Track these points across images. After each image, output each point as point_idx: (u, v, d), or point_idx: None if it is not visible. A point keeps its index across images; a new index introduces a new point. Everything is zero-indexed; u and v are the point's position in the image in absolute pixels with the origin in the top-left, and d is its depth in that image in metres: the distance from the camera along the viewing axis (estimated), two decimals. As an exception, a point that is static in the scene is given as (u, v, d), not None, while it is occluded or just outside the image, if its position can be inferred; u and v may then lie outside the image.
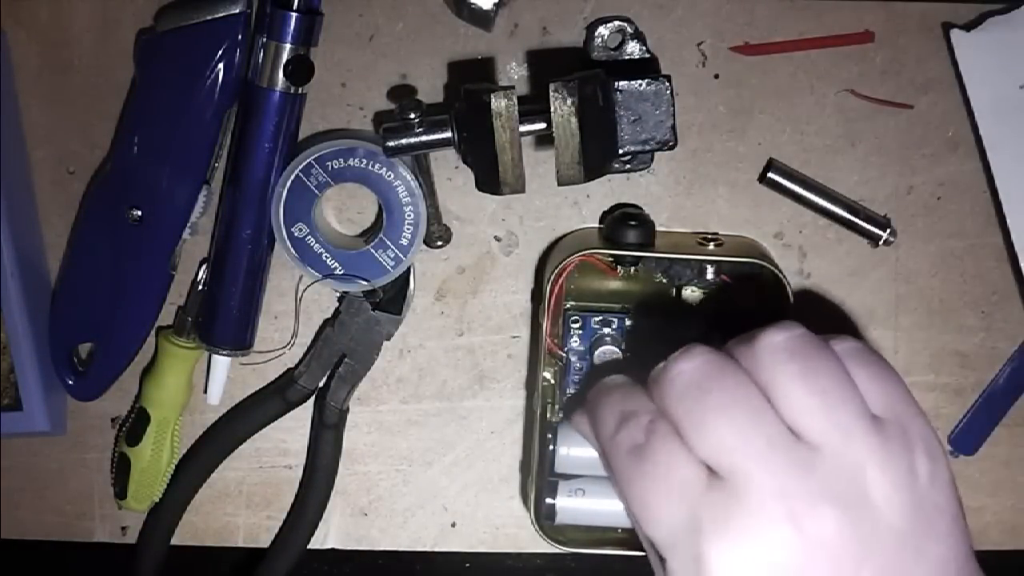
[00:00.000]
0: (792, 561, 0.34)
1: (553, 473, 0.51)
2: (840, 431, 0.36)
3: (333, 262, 0.52)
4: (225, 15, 0.50)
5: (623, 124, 0.48)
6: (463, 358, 0.56)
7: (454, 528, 0.57)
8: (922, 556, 0.35)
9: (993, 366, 0.56)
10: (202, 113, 0.50)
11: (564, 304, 0.53)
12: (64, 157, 0.55)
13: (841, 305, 0.55)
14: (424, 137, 0.48)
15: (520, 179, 0.47)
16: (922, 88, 0.54)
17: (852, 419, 0.36)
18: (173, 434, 0.55)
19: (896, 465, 0.36)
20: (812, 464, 0.35)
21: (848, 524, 0.34)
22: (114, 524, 0.57)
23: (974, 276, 0.55)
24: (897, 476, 0.35)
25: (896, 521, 0.35)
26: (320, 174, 0.51)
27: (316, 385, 0.55)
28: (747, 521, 0.35)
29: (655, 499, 0.37)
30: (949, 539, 0.36)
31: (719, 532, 0.35)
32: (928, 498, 0.36)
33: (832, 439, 0.35)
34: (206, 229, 0.54)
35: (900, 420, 0.37)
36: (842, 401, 0.36)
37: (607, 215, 0.54)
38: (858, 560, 0.34)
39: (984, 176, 0.54)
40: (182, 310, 0.55)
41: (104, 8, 0.54)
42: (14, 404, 0.54)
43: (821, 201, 0.54)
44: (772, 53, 0.54)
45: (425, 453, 0.56)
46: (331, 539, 0.57)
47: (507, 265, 0.55)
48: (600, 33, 0.52)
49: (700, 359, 0.37)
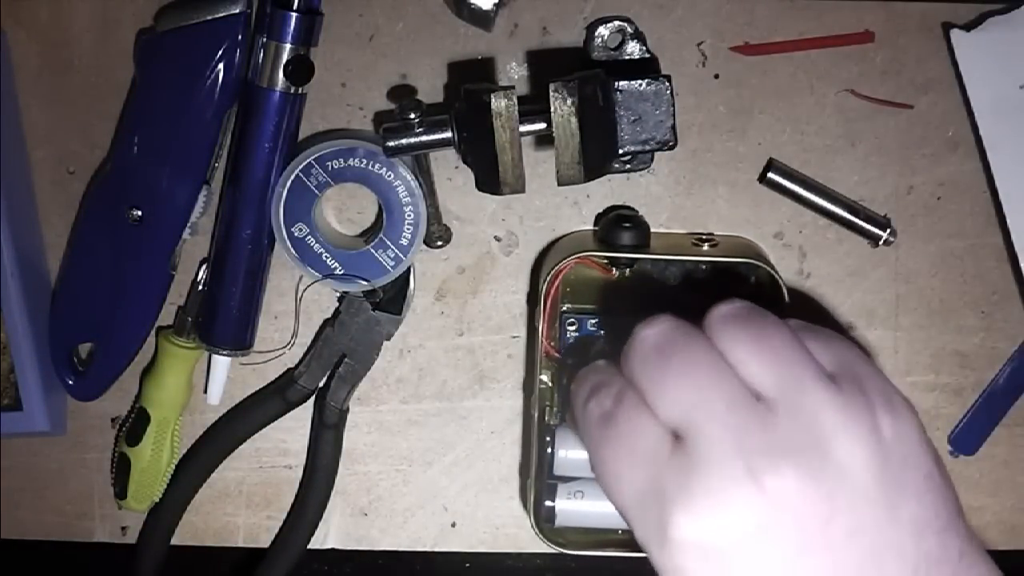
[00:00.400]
0: (754, 520, 0.34)
1: (552, 476, 0.51)
2: (795, 387, 0.36)
3: (333, 262, 0.52)
4: (225, 15, 0.50)
5: (623, 124, 0.48)
6: (463, 358, 0.56)
7: (454, 528, 0.57)
8: (895, 515, 0.34)
9: (993, 366, 0.56)
10: (202, 113, 0.50)
11: (560, 307, 0.53)
12: (64, 157, 0.55)
13: (841, 305, 0.55)
14: (424, 137, 0.48)
15: (520, 179, 0.47)
16: (922, 88, 0.54)
17: (807, 375, 0.36)
18: (173, 434, 0.55)
19: (856, 419, 0.35)
20: (771, 422, 0.35)
21: (811, 481, 0.34)
22: (114, 524, 0.57)
23: (974, 276, 0.55)
24: (859, 431, 0.35)
25: (862, 478, 0.34)
26: (320, 174, 0.51)
27: (316, 385, 0.55)
28: (707, 481, 0.34)
29: (621, 465, 0.37)
30: (925, 497, 0.35)
31: (681, 496, 0.35)
32: (895, 453, 0.35)
33: (788, 395, 0.35)
34: (206, 229, 0.54)
35: (857, 378, 0.37)
36: (795, 360, 0.36)
37: (602, 217, 0.54)
38: (824, 518, 0.34)
39: (984, 176, 0.54)
40: (182, 310, 0.55)
41: (104, 8, 0.54)
42: (14, 404, 0.54)
43: (821, 201, 0.54)
44: (772, 53, 0.54)
45: (425, 453, 0.56)
46: (331, 539, 0.57)
47: (507, 265, 0.55)
48: (600, 33, 0.52)
49: (663, 325, 0.38)
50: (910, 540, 0.34)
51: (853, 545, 0.34)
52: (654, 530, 0.36)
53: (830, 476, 0.34)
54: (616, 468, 0.37)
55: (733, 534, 0.34)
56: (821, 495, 0.34)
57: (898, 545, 0.34)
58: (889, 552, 0.34)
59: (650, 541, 0.36)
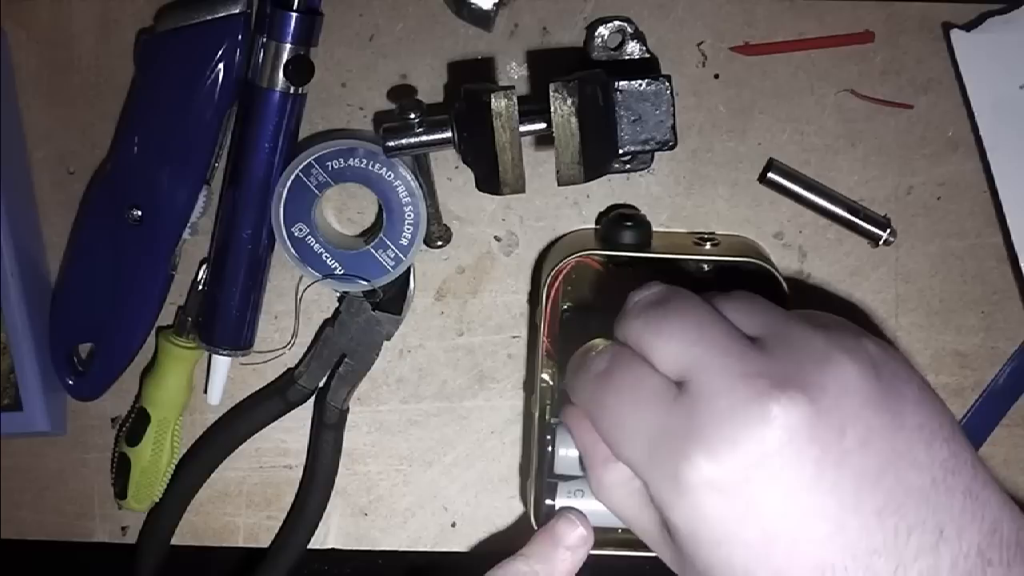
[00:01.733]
0: (771, 445, 0.34)
1: (552, 475, 0.51)
2: (783, 326, 0.37)
3: (333, 262, 0.52)
4: (225, 15, 0.50)
5: (623, 124, 0.48)
6: (463, 358, 0.56)
7: (454, 528, 0.57)
8: (901, 422, 0.35)
9: (993, 366, 0.56)
10: (202, 113, 0.50)
11: (561, 306, 0.53)
12: (64, 157, 0.55)
13: (841, 305, 0.55)
14: (424, 137, 0.48)
15: (520, 179, 0.47)
16: (922, 88, 0.54)
17: (790, 319, 0.38)
18: (173, 434, 0.55)
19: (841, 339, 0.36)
20: (767, 355, 0.36)
21: (817, 397, 0.34)
22: (114, 524, 0.57)
23: (974, 276, 0.55)
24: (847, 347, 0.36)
25: (862, 387, 0.35)
26: (320, 174, 0.51)
27: (316, 385, 0.55)
28: (716, 418, 0.35)
29: (625, 415, 0.37)
30: (925, 406, 0.36)
31: (693, 436, 0.35)
32: (885, 368, 0.36)
33: (778, 331, 0.37)
34: (206, 229, 0.54)
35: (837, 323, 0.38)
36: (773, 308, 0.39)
37: (603, 216, 0.54)
38: (838, 429, 0.34)
39: (984, 176, 0.54)
40: (182, 310, 0.55)
41: (104, 8, 0.54)
42: (14, 404, 0.54)
43: (821, 201, 0.54)
44: (772, 53, 0.54)
45: (425, 453, 0.56)
46: (331, 539, 0.57)
47: (507, 265, 0.55)
48: (600, 33, 0.52)
49: (657, 287, 0.40)
50: (921, 447, 0.35)
51: (869, 453, 0.34)
52: (669, 477, 0.35)
53: (832, 390, 0.35)
54: (620, 419, 0.38)
55: (751, 464, 0.34)
56: (829, 408, 0.34)
57: (910, 452, 0.35)
58: (903, 459, 0.34)
59: (664, 489, 0.36)
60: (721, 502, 0.34)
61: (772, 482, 0.34)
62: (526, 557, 0.43)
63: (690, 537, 0.36)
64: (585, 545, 0.42)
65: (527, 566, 0.42)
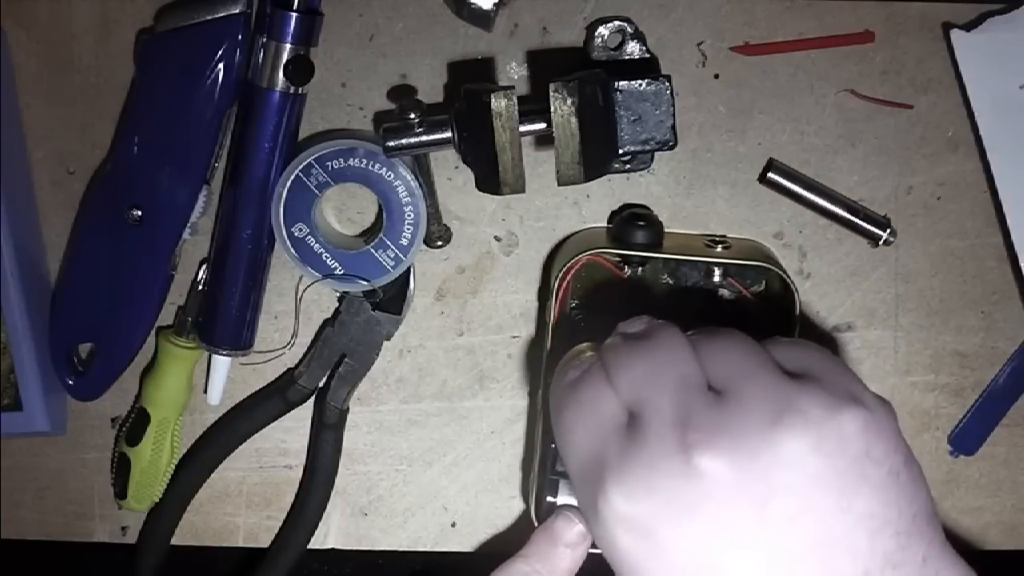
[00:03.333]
0: (683, 496, 0.33)
1: (554, 471, 0.51)
2: (749, 377, 0.35)
3: (333, 262, 0.52)
4: (225, 15, 0.50)
5: (623, 124, 0.49)
6: (463, 358, 0.56)
7: (454, 528, 0.57)
8: (846, 506, 0.33)
9: (993, 366, 0.56)
10: (202, 113, 0.50)
11: (570, 303, 0.53)
12: (64, 157, 0.55)
13: (841, 305, 0.55)
14: (424, 137, 0.49)
15: (520, 179, 0.47)
16: (922, 88, 0.54)
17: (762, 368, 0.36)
18: (173, 434, 0.55)
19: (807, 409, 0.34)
20: (718, 405, 0.35)
21: (746, 460, 0.33)
22: (114, 524, 0.57)
23: (974, 276, 0.55)
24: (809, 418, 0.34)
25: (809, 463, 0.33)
26: (320, 174, 0.51)
27: (316, 385, 0.55)
28: (641, 455, 0.35)
29: (575, 431, 0.38)
30: (885, 494, 0.34)
31: (616, 467, 0.35)
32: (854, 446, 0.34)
33: (740, 384, 0.35)
34: (206, 229, 0.54)
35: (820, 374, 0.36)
36: (753, 352, 0.37)
37: (616, 215, 0.54)
38: (760, 500, 0.33)
39: (984, 176, 0.54)
40: (182, 310, 0.55)
41: (104, 8, 0.54)
42: (14, 404, 0.54)
43: (821, 201, 0.54)
44: (772, 53, 0.54)
45: (425, 453, 0.56)
46: (331, 539, 0.57)
47: (507, 265, 0.55)
48: (600, 33, 0.52)
49: (643, 322, 0.40)
50: (863, 536, 0.33)
51: (795, 530, 0.33)
52: (590, 503, 0.36)
53: (765, 459, 0.33)
54: (570, 433, 0.38)
55: (660, 509, 0.34)
56: (756, 476, 0.33)
57: (848, 538, 0.33)
58: (837, 545, 0.33)
59: (586, 509, 0.37)
60: (631, 540, 0.35)
61: (680, 535, 0.34)
62: (526, 557, 0.43)
63: (608, 558, 0.37)
64: (585, 542, 0.42)
65: (528, 566, 0.42)
